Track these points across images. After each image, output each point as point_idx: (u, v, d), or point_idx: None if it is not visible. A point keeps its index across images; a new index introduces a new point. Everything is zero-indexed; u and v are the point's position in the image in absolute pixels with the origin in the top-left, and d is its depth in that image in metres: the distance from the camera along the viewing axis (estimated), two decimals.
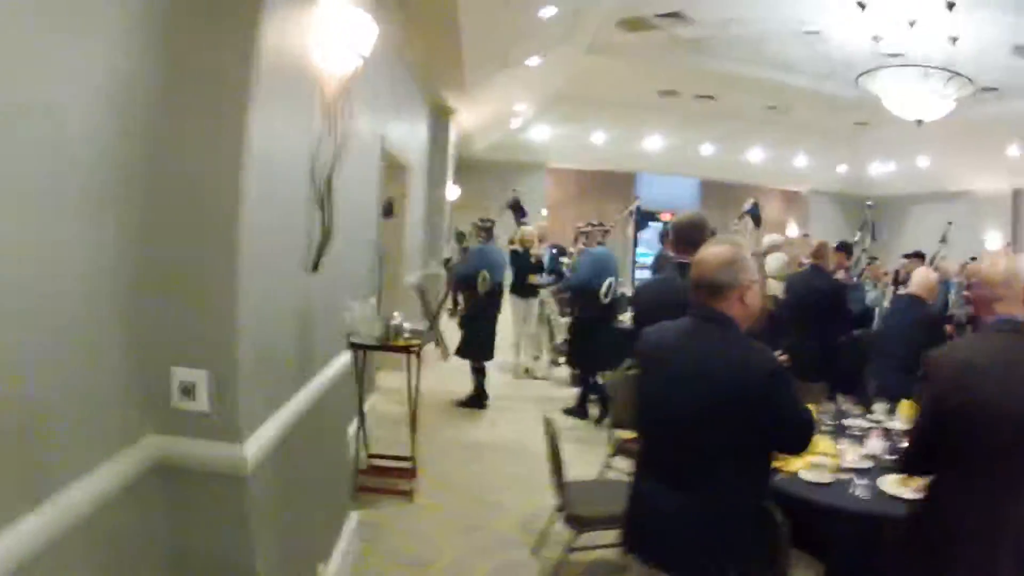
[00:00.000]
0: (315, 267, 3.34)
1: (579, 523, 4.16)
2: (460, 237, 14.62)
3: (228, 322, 2.47)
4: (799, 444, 2.77)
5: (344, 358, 4.32)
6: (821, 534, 3.46)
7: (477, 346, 8.65)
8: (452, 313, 12.18)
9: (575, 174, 21.35)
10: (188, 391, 2.44)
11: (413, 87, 10.01)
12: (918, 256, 11.00)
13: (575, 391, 8.59)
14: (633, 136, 19.90)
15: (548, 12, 9.20)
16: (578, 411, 8.29)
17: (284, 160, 2.89)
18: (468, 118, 14.49)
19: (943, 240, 12.84)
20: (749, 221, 12.23)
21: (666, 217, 22.38)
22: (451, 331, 9.46)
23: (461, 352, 8.75)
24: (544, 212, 20.05)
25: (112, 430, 2.26)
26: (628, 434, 5.15)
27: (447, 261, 11.21)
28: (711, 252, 2.69)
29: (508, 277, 9.71)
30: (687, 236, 4.24)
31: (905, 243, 17.53)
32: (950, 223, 13.04)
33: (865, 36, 11.46)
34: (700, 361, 2.59)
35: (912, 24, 10.56)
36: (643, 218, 18.46)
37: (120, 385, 2.29)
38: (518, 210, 13.81)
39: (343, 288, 4.65)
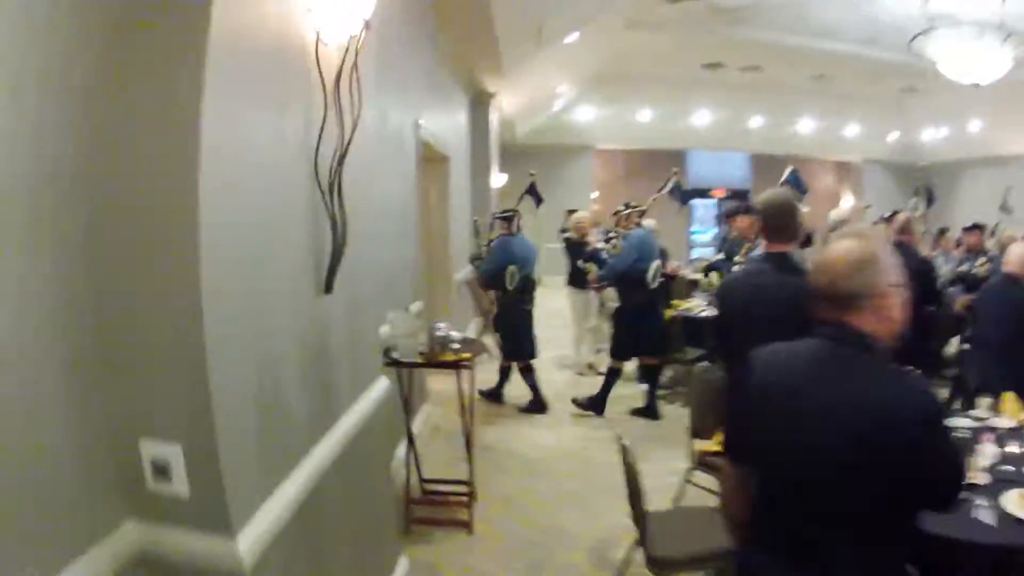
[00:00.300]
0: (328, 287, 2.74)
1: (661, 566, 3.50)
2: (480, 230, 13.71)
3: (199, 381, 1.86)
4: (950, 501, 2.09)
5: (382, 384, 3.74)
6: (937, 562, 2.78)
7: (514, 346, 8.02)
8: None
9: (622, 155, 20.52)
10: (162, 470, 1.88)
11: (449, 73, 9.45)
12: (977, 228, 9.46)
13: (642, 388, 7.95)
14: (680, 112, 19.06)
15: None
16: (647, 411, 7.68)
17: (269, 159, 2.28)
18: (509, 102, 13.92)
19: (1004, 208, 11.64)
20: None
21: (719, 194, 21.62)
22: None
23: (503, 355, 8.19)
24: (594, 195, 19.31)
25: (83, 518, 1.77)
26: (710, 445, 4.55)
27: (475, 259, 10.19)
28: (837, 252, 2.02)
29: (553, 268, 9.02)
30: (775, 223, 3.59)
31: (959, 210, 16.74)
32: (1010, 187, 11.70)
33: None
34: (836, 400, 1.93)
35: None
36: (688, 195, 17.43)
37: (85, 462, 1.78)
38: (535, 196, 12.85)
39: (374, 301, 4.03)
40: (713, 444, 4.41)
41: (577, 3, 9.47)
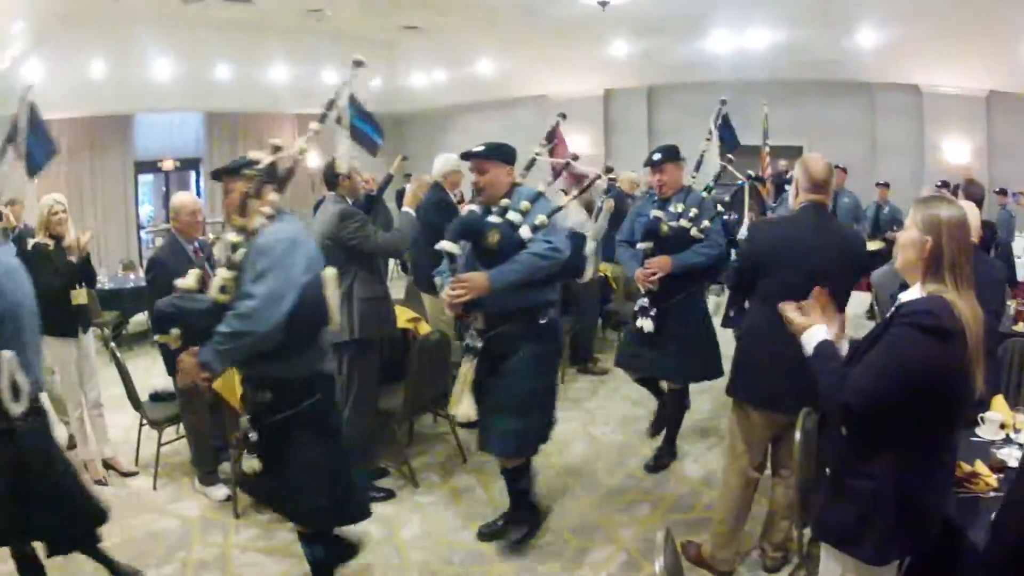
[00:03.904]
0: None
1: None
2: None
3: None
4: None
5: None
6: None
7: None
8: None
9: (69, 123, 16.23)
10: None
11: None
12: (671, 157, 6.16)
13: None
14: (138, 65, 15.44)
15: None
16: None
17: None
18: None
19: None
20: None
21: (167, 165, 18.40)
22: None
23: None
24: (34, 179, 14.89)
25: None
26: None
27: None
28: None
29: None
30: None
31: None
32: (724, 101, 8.52)
33: None
34: None
35: None
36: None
37: None
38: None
39: None
40: None
41: None
